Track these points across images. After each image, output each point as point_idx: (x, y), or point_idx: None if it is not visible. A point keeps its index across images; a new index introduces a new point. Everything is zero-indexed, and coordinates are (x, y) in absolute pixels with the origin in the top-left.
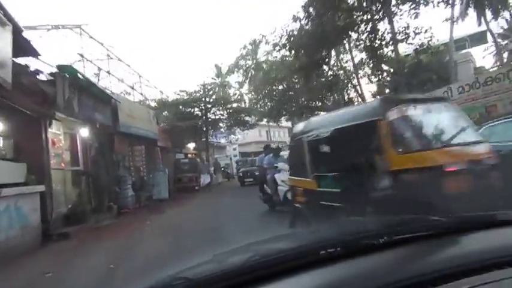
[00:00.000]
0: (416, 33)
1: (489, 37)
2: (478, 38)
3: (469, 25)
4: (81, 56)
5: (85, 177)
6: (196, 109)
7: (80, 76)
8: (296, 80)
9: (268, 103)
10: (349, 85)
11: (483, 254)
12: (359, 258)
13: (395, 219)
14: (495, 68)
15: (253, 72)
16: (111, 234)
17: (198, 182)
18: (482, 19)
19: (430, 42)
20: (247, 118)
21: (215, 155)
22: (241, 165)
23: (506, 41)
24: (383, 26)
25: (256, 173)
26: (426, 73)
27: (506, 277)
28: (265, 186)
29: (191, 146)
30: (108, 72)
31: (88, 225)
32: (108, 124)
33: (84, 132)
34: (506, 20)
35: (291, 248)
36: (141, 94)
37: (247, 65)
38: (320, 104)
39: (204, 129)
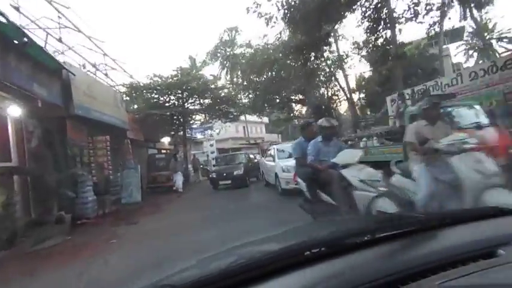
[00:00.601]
0: (428, 11)
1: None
2: (455, 35)
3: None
4: (16, 9)
5: (20, 178)
6: (172, 97)
7: (3, 20)
8: (291, 63)
9: (251, 95)
10: (332, 78)
11: (459, 248)
12: (343, 257)
13: (377, 218)
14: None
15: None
16: (52, 265)
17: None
18: (467, 14)
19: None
20: (230, 109)
21: (192, 151)
22: (220, 163)
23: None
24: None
25: (237, 172)
26: (411, 66)
27: (479, 269)
28: (318, 191)
29: (166, 140)
30: (59, 40)
31: (21, 248)
32: (57, 104)
33: (15, 111)
34: (475, 19)
35: (276, 250)
36: (106, 75)
37: (228, 53)
38: (303, 97)
39: (181, 120)
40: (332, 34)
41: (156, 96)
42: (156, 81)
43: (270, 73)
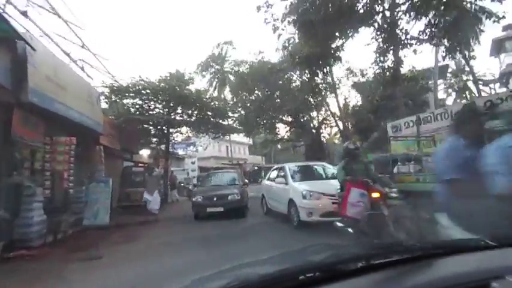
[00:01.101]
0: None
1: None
2: (441, 71)
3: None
4: None
5: None
6: (158, 105)
7: None
8: (296, 78)
9: (242, 111)
10: (324, 103)
11: (453, 279)
12: (337, 283)
13: (372, 244)
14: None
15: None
16: None
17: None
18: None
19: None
20: (222, 123)
21: (171, 167)
22: (205, 182)
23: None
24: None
25: (233, 197)
26: (402, 97)
27: None
28: None
29: (145, 153)
30: (24, 14)
31: None
32: (0, 83)
33: None
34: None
35: (270, 273)
36: (82, 69)
37: (218, 68)
38: (292, 119)
39: (166, 131)
40: (342, 49)
41: (140, 102)
42: (141, 84)
43: (265, 90)
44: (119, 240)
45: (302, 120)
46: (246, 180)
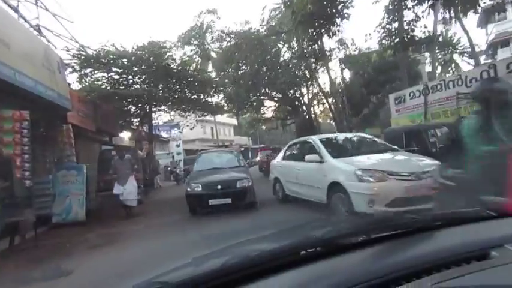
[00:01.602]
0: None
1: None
2: (430, 45)
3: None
4: None
5: None
6: (137, 79)
7: None
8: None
9: (230, 87)
10: (313, 80)
11: (453, 250)
12: (338, 257)
13: (372, 218)
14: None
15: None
16: None
17: (139, 188)
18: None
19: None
20: (211, 98)
21: (156, 150)
22: (197, 166)
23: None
24: None
25: (243, 183)
26: (393, 70)
27: (473, 271)
28: None
29: (126, 135)
30: None
31: None
32: None
33: None
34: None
35: (271, 249)
36: (38, 31)
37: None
38: (281, 95)
39: (148, 109)
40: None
41: (116, 76)
42: (114, 53)
43: (254, 64)
44: (98, 242)
45: (292, 96)
46: None
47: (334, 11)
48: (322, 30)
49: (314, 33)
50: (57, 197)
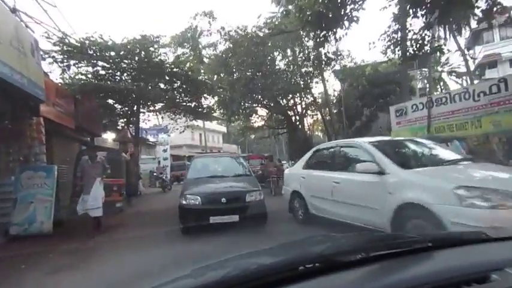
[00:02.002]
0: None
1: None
2: (422, 60)
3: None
4: None
5: None
6: (125, 76)
7: None
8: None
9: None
10: (307, 90)
11: (453, 271)
12: (336, 273)
13: (372, 236)
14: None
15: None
16: None
17: (122, 194)
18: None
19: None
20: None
21: (141, 155)
22: (192, 173)
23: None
24: None
25: (253, 196)
26: (388, 84)
27: None
28: None
29: (109, 136)
30: None
31: None
32: None
33: None
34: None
35: (270, 263)
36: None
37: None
38: (273, 104)
39: (136, 108)
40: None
41: (103, 71)
42: (101, 44)
43: (250, 69)
44: (61, 263)
45: (286, 105)
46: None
47: (343, 12)
48: (330, 32)
49: (321, 36)
50: (19, 203)
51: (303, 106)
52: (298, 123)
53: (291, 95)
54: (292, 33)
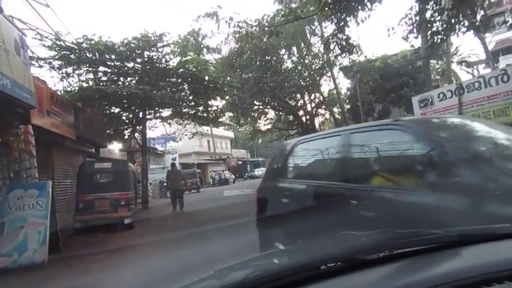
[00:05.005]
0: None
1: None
2: (434, 52)
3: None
4: None
5: None
6: (129, 80)
7: None
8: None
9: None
10: (317, 87)
11: (482, 268)
12: (359, 272)
13: (394, 233)
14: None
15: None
16: None
17: (130, 210)
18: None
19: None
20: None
21: (150, 165)
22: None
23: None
24: None
25: None
26: (400, 77)
27: None
28: None
29: (115, 147)
30: None
31: None
32: None
33: None
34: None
35: (292, 263)
36: None
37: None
38: (283, 104)
39: (142, 115)
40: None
41: (104, 77)
42: (102, 43)
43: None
44: None
45: (295, 105)
46: (233, 176)
47: None
48: (351, 15)
49: (341, 19)
50: (7, 228)
51: (313, 106)
52: (309, 122)
53: (299, 95)
54: (299, 28)
